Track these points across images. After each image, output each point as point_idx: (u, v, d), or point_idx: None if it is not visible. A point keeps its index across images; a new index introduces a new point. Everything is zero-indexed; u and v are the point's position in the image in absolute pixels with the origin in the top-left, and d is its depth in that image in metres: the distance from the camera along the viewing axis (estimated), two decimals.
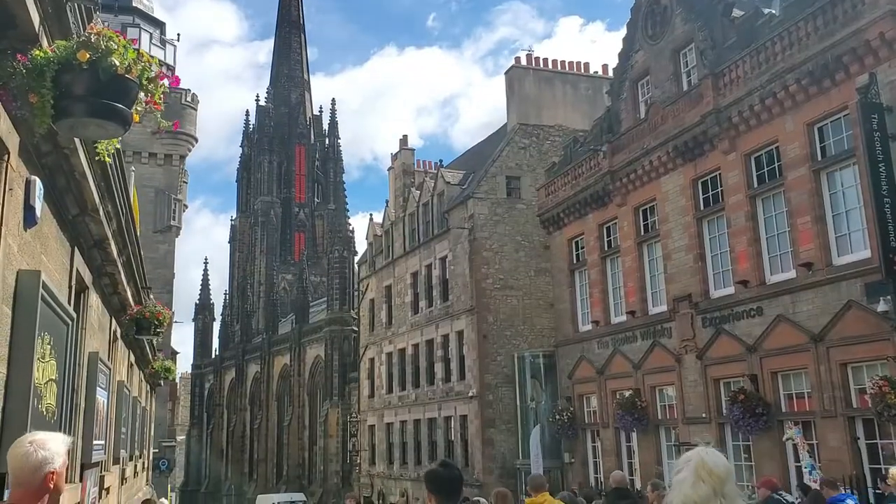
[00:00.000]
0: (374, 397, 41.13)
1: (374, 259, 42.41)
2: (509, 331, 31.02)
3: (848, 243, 16.15)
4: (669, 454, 20.99)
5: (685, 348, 20.21)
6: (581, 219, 25.50)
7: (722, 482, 3.16)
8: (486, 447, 29.57)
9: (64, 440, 3.26)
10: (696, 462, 3.23)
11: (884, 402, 13.92)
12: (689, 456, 3.30)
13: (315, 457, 55.67)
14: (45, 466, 3.08)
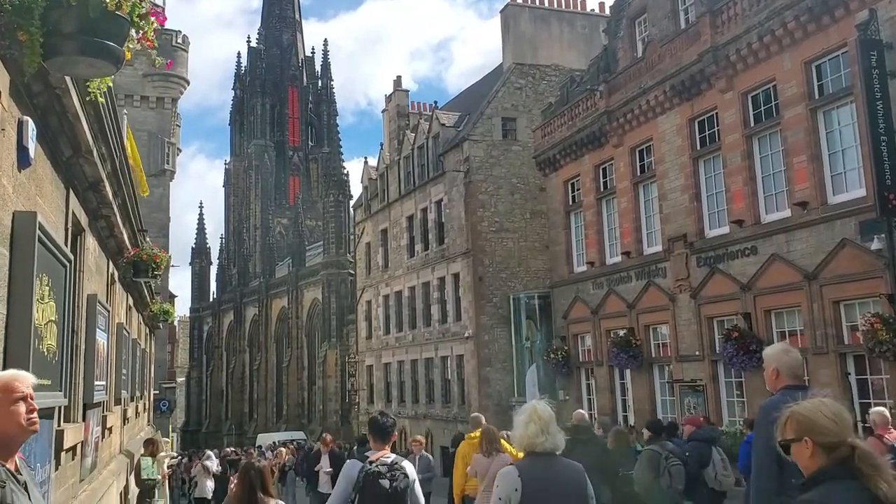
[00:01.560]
0: (371, 339, 41.54)
1: (369, 203, 42.33)
2: (505, 273, 31.18)
3: (843, 182, 16.16)
4: (662, 391, 21.36)
5: (679, 288, 20.37)
6: (577, 160, 25.41)
7: (547, 424, 4.44)
8: (482, 386, 30.01)
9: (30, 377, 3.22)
10: (530, 409, 4.52)
11: (875, 338, 14.12)
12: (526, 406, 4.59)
13: (314, 396, 56.49)
14: None
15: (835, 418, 2.93)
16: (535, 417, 4.47)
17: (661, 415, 20.50)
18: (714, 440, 10.06)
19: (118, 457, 11.94)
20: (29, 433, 3.15)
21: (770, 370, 4.98)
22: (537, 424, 4.45)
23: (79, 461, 7.36)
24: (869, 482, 2.68)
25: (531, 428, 4.45)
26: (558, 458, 4.58)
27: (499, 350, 30.39)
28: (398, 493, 5.35)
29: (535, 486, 4.38)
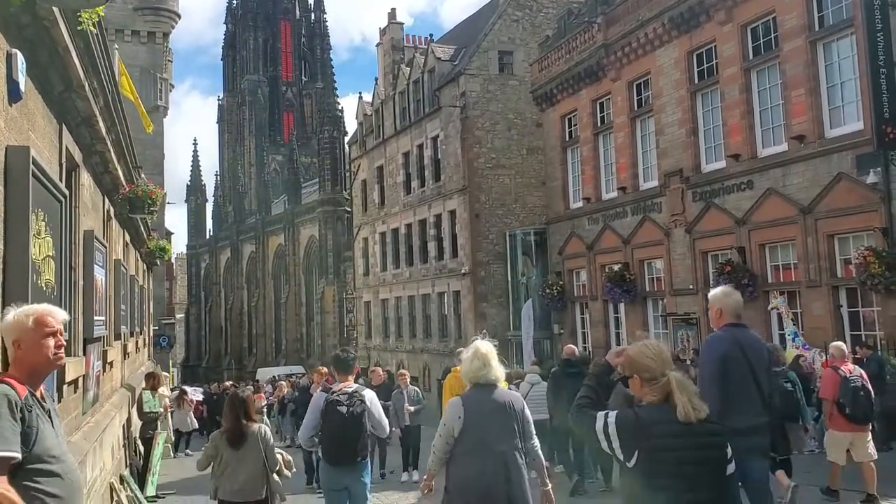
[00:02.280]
0: (368, 275, 41.75)
1: (364, 139, 42.01)
2: (501, 209, 31.18)
3: (841, 115, 16.07)
4: (656, 324, 21.62)
5: (674, 222, 20.43)
6: (574, 94, 25.16)
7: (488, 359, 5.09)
8: (478, 320, 30.30)
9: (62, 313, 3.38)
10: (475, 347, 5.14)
11: (868, 271, 14.26)
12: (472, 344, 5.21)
13: (312, 332, 57.06)
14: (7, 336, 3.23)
15: (655, 358, 3.60)
16: (479, 354, 5.11)
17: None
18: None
19: (120, 390, 12.14)
20: (55, 367, 3.35)
21: (714, 310, 5.77)
22: (480, 360, 5.10)
23: (81, 394, 7.49)
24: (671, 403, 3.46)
25: (475, 363, 5.09)
26: (498, 388, 5.23)
27: (495, 286, 30.61)
28: (354, 416, 6.31)
29: (476, 412, 5.04)
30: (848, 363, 9.30)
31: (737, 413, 5.33)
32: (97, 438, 7.91)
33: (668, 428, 3.40)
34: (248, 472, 6.25)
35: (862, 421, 8.82)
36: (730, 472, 3.47)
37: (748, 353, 5.62)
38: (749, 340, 5.72)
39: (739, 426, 5.12)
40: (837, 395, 8.81)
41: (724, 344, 5.63)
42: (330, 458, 6.39)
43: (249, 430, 6.40)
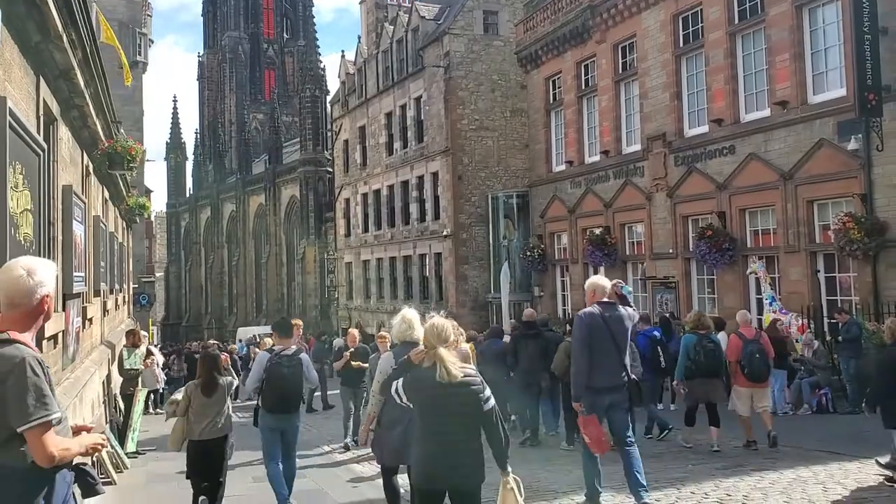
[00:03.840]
0: (350, 236, 41.66)
1: (346, 98, 41.59)
2: (484, 172, 31.12)
3: (824, 81, 16.11)
4: (636, 288, 21.78)
5: (656, 187, 20.50)
6: (559, 56, 25.00)
7: (413, 323, 6.26)
8: (459, 282, 30.44)
9: (52, 266, 3.35)
10: (402, 314, 6.38)
11: (846, 237, 14.43)
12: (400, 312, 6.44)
13: (294, 292, 57.00)
14: (39, 290, 3.18)
15: (434, 332, 4.83)
16: (405, 319, 6.32)
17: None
18: None
19: (99, 347, 12.11)
20: None
21: (589, 292, 7.15)
22: (406, 323, 6.30)
23: (60, 350, 7.47)
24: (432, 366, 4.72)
25: (402, 326, 6.31)
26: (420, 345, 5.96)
27: (476, 248, 30.67)
28: (293, 374, 7.63)
29: None
30: (750, 329, 10.61)
31: (601, 374, 6.79)
32: (77, 394, 7.90)
33: (432, 384, 4.66)
34: (217, 415, 7.49)
35: (758, 379, 10.13)
36: (486, 410, 4.71)
37: (611, 325, 6.86)
38: (613, 315, 6.94)
39: (603, 385, 6.79)
40: (739, 358, 10.11)
41: (590, 317, 6.91)
42: (272, 407, 7.62)
43: (219, 382, 7.60)
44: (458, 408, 4.68)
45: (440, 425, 4.69)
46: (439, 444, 4.68)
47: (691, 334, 10.43)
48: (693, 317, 10.81)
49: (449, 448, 4.66)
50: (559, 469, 9.39)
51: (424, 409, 4.76)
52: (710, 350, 10.20)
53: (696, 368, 10.15)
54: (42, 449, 2.97)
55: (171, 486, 8.91)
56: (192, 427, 7.47)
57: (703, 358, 10.05)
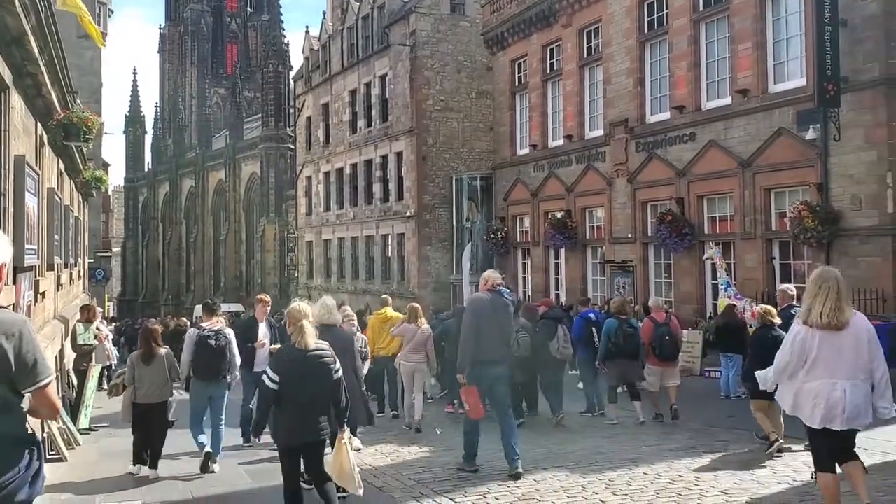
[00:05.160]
0: (311, 215, 41.35)
1: (310, 75, 41.10)
2: (448, 153, 31.05)
3: (785, 71, 16.33)
4: (594, 271, 22.04)
5: (617, 172, 20.67)
6: (525, 39, 24.98)
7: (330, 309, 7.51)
8: (421, 263, 30.43)
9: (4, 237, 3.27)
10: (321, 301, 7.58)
11: (802, 225, 14.72)
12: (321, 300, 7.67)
13: (252, 270, 56.56)
14: None
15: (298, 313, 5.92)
16: (325, 305, 7.46)
17: (592, 293, 21.22)
18: (560, 319, 12.05)
19: (52, 322, 11.88)
20: None
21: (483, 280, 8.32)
22: (325, 309, 7.39)
23: None
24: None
25: (322, 310, 7.27)
26: (336, 328, 7.56)
27: (439, 229, 30.66)
28: (220, 347, 8.59)
29: None
30: (662, 314, 11.58)
31: (485, 350, 7.79)
32: None
33: (294, 355, 5.81)
34: (156, 382, 8.52)
35: (668, 358, 11.22)
36: (335, 379, 5.84)
37: (496, 309, 7.96)
38: (498, 300, 8.04)
39: (488, 358, 7.78)
40: (652, 340, 11.14)
41: (481, 302, 8.03)
42: (202, 376, 8.63)
43: (157, 352, 8.63)
44: (312, 375, 5.77)
45: (298, 390, 5.71)
46: (297, 407, 5.72)
47: (613, 319, 11.31)
48: (616, 303, 11.80)
49: (305, 410, 5.74)
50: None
51: (287, 377, 5.72)
52: (630, 334, 11.08)
53: (617, 350, 11.03)
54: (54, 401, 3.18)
55: (124, 463, 8.81)
56: (136, 392, 8.50)
57: (622, 341, 10.97)
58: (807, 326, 5.40)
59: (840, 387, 5.29)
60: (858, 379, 5.34)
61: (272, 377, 5.75)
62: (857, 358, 5.36)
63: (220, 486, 8.06)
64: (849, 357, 5.33)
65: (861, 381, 5.35)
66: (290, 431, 5.78)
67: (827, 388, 5.30)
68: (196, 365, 8.61)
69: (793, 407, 5.56)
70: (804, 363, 5.40)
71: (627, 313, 11.56)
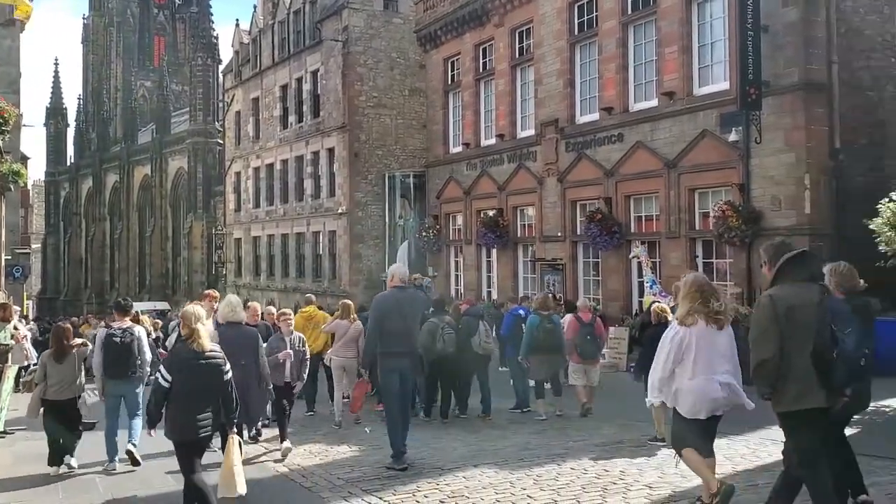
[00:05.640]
0: (240, 211, 40.67)
1: (240, 69, 40.40)
2: (381, 150, 30.92)
3: (709, 74, 16.77)
4: (525, 269, 22.26)
5: (548, 171, 20.91)
6: (458, 38, 25.05)
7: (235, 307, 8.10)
8: (353, 261, 30.23)
9: None
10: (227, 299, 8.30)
11: (725, 224, 15.15)
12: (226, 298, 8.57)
13: (179, 268, 55.34)
14: None
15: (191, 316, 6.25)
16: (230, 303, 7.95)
17: (523, 291, 21.41)
18: (482, 316, 12.38)
19: None
20: None
21: (389, 277, 8.67)
22: (230, 306, 7.92)
23: None
24: None
25: (226, 308, 7.88)
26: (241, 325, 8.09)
27: (372, 227, 30.52)
28: (126, 344, 8.64)
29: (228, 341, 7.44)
30: (588, 314, 12.06)
31: (389, 344, 8.10)
32: None
33: (188, 356, 6.14)
34: (66, 380, 8.72)
35: (589, 357, 11.63)
36: (226, 380, 6.21)
37: (403, 304, 8.27)
38: (405, 296, 8.41)
39: (393, 350, 8.12)
40: (574, 338, 11.59)
41: (385, 298, 8.42)
42: (111, 374, 8.69)
43: (69, 351, 8.82)
44: (204, 376, 6.12)
45: (190, 389, 6.08)
46: (189, 405, 6.08)
47: (535, 315, 11.66)
48: (539, 299, 12.23)
49: (196, 407, 6.09)
50: (446, 444, 9.50)
51: (179, 376, 6.09)
52: (549, 329, 11.44)
53: (538, 346, 11.35)
54: None
55: (40, 466, 8.50)
56: (47, 390, 8.67)
57: (542, 336, 11.31)
58: (685, 327, 5.84)
59: (717, 381, 5.76)
60: (731, 373, 5.85)
61: (165, 376, 6.10)
62: (732, 355, 5.90)
63: (142, 488, 7.86)
64: (725, 354, 5.85)
65: (733, 375, 5.86)
66: (182, 427, 6.11)
67: (708, 382, 5.75)
68: (106, 364, 8.67)
69: (674, 400, 5.93)
70: (682, 361, 5.82)
71: (550, 309, 11.88)
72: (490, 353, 12.10)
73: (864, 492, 5.94)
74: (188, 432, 6.09)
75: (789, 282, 5.25)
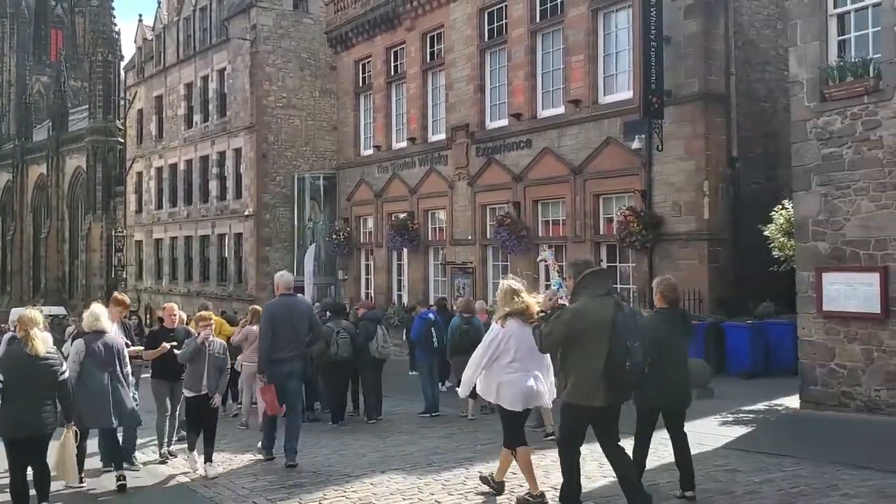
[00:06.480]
0: (142, 213, 39.38)
1: (143, 66, 39.13)
2: (290, 151, 30.48)
3: (614, 83, 17.21)
4: (436, 272, 22.30)
5: (458, 175, 21.03)
6: (369, 40, 24.91)
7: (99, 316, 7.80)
8: (260, 264, 29.65)
9: None
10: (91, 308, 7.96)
11: (627, 229, 15.57)
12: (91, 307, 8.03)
13: (76, 271, 53.11)
14: None
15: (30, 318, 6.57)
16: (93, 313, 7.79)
17: (434, 293, 21.48)
18: (379, 320, 12.37)
19: None
20: None
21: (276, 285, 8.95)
22: (93, 316, 7.75)
23: None
24: None
25: (91, 318, 7.71)
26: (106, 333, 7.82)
27: (280, 229, 30.02)
28: None
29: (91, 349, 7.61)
30: (484, 315, 12.28)
31: (280, 349, 8.43)
32: None
33: (21, 357, 6.47)
34: None
35: None
36: (61, 380, 6.60)
37: (291, 310, 8.65)
38: (293, 302, 8.81)
39: (283, 356, 8.43)
40: None
41: (275, 305, 8.77)
42: None
43: None
44: (37, 377, 6.45)
45: (25, 389, 6.39)
46: (24, 403, 6.37)
47: (457, 317, 12.01)
48: (461, 302, 12.62)
49: (31, 406, 6.41)
50: (354, 451, 9.38)
51: (11, 376, 6.36)
52: (464, 331, 11.67)
53: (456, 347, 11.55)
54: None
55: None
56: None
57: (459, 338, 11.58)
58: (502, 328, 6.50)
59: (531, 376, 6.52)
60: (543, 370, 6.63)
61: None
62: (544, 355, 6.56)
63: None
64: (537, 352, 6.42)
65: (544, 372, 6.65)
66: (14, 426, 6.43)
67: (525, 377, 6.48)
68: None
69: (497, 396, 6.56)
70: (499, 357, 6.48)
71: (472, 311, 12.12)
72: (387, 357, 12.19)
73: (692, 488, 6.56)
74: (19, 430, 6.46)
75: (587, 296, 5.88)
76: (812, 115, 10.84)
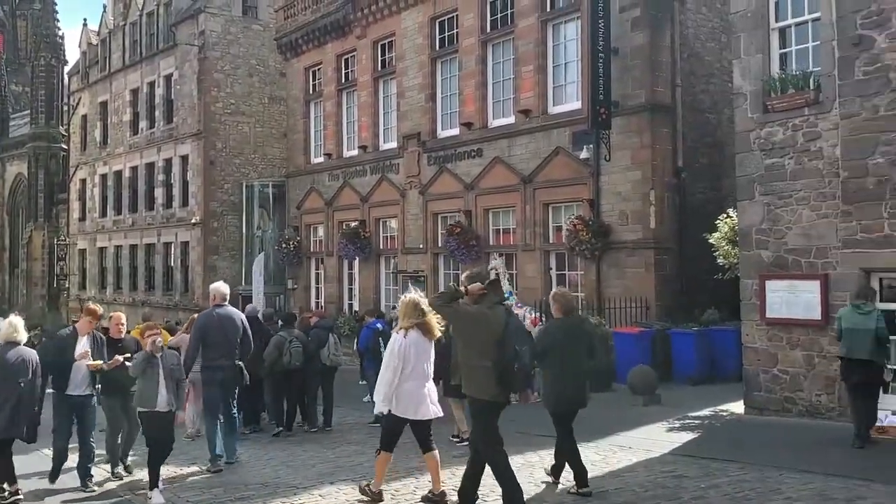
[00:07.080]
0: (85, 221, 38.45)
1: (87, 71, 38.29)
2: (239, 158, 30.07)
3: (563, 94, 17.39)
4: (387, 281, 22.21)
5: (410, 184, 21.00)
6: (320, 47, 24.77)
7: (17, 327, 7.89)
8: (207, 274, 29.10)
9: None
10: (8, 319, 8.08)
11: (577, 238, 15.73)
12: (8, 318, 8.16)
13: (17, 280, 51.63)
14: None
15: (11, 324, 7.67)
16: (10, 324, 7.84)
17: (385, 303, 21.37)
18: (331, 328, 12.58)
19: None
20: None
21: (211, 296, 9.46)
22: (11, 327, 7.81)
23: None
24: None
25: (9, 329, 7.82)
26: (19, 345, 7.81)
27: (228, 238, 29.57)
28: None
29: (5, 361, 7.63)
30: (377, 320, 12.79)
31: (213, 355, 8.94)
32: None
33: None
34: None
35: None
36: None
37: (223, 321, 9.09)
38: (225, 313, 9.18)
39: (216, 364, 8.91)
40: None
41: (207, 316, 9.26)
42: None
43: None
44: None
45: None
46: None
47: None
48: None
49: None
50: (302, 464, 9.26)
51: None
52: None
53: None
54: None
55: None
56: None
57: None
58: (404, 338, 6.76)
59: (425, 385, 6.86)
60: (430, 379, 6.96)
61: None
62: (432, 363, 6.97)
63: None
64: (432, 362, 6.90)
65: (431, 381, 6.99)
66: None
67: (420, 387, 6.81)
68: None
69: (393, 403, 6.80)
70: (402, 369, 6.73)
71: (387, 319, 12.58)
72: (338, 365, 12.26)
73: (586, 484, 6.96)
74: None
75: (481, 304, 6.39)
76: (755, 126, 11.10)
